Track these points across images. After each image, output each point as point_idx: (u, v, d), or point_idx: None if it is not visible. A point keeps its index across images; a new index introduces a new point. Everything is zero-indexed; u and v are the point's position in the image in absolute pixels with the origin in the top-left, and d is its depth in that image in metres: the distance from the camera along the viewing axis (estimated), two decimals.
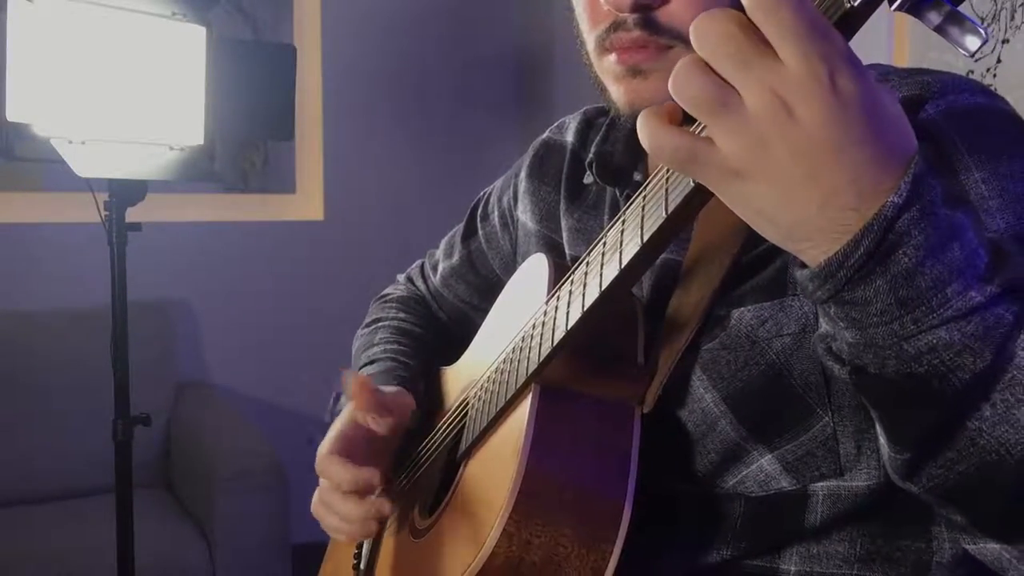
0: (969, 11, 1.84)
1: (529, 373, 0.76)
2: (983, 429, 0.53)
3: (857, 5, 0.49)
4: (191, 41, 1.73)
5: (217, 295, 2.96)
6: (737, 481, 0.74)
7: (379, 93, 3.15)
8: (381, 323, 1.15)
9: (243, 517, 2.35)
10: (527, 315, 0.84)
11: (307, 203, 3.09)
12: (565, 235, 0.95)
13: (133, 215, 1.70)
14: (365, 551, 0.99)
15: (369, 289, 1.38)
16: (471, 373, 0.96)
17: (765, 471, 0.73)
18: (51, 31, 1.55)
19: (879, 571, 0.73)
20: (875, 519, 0.73)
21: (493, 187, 1.13)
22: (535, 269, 0.90)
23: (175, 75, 1.72)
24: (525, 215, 1.02)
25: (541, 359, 0.74)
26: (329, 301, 3.00)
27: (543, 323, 0.78)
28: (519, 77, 3.36)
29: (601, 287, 0.68)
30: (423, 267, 1.23)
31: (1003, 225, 0.65)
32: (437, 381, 1.07)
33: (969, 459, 0.54)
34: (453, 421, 0.93)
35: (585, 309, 0.70)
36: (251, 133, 2.36)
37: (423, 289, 1.21)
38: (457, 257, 1.15)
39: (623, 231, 0.67)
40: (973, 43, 0.48)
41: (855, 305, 0.52)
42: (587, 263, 0.73)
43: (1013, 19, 1.77)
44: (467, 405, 0.91)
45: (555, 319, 0.75)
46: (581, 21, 0.80)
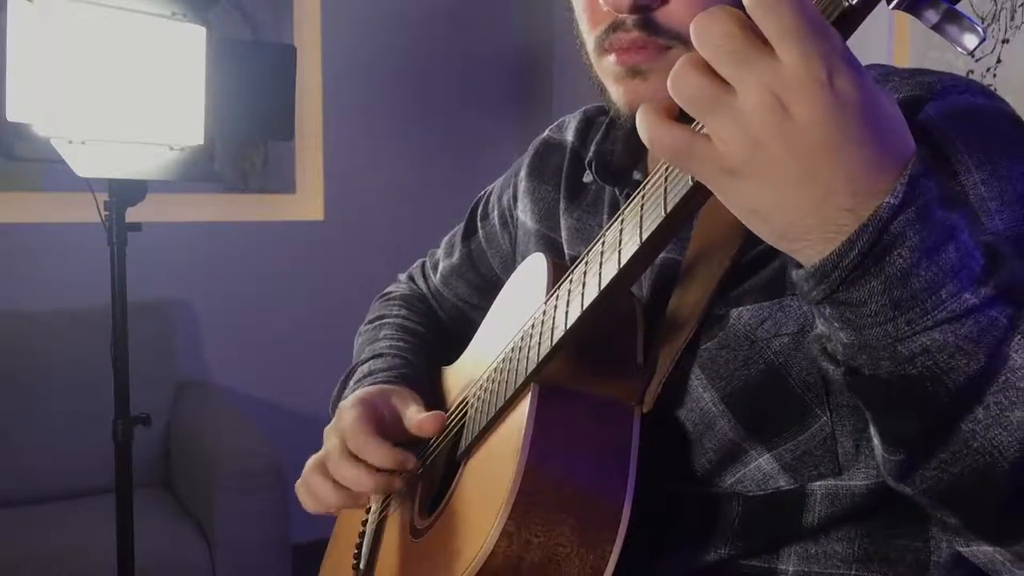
0: (969, 11, 1.83)
1: (528, 373, 0.75)
2: (976, 431, 0.53)
3: (855, 3, 0.49)
4: (191, 41, 1.73)
5: (217, 295, 2.96)
6: (735, 480, 0.74)
7: (379, 93, 3.15)
8: (385, 320, 1.15)
9: (243, 517, 2.35)
10: (526, 315, 0.84)
11: (307, 203, 3.09)
12: (564, 234, 0.95)
13: (133, 215, 1.70)
14: (365, 551, 0.99)
15: (369, 289, 1.38)
16: (470, 373, 0.96)
17: (763, 470, 0.72)
18: (51, 31, 1.55)
19: (877, 571, 0.73)
20: (873, 519, 0.73)
21: (493, 186, 1.13)
22: (534, 268, 0.90)
23: (175, 75, 1.72)
24: (525, 214, 1.02)
25: (540, 359, 0.74)
26: (329, 301, 3.00)
27: (542, 322, 0.77)
28: (519, 77, 3.36)
29: (600, 286, 0.68)
30: (424, 266, 1.23)
31: (1002, 226, 0.65)
32: (437, 380, 1.07)
33: (962, 461, 0.54)
34: (452, 421, 0.93)
35: (584, 308, 0.70)
36: (251, 133, 2.36)
37: (424, 288, 1.21)
38: (457, 256, 1.15)
39: (622, 230, 0.67)
40: (971, 41, 0.48)
41: (849, 306, 0.52)
42: (586, 262, 0.73)
43: (1013, 19, 1.77)
44: (466, 405, 0.91)
45: (554, 318, 0.75)
46: (581, 22, 0.80)
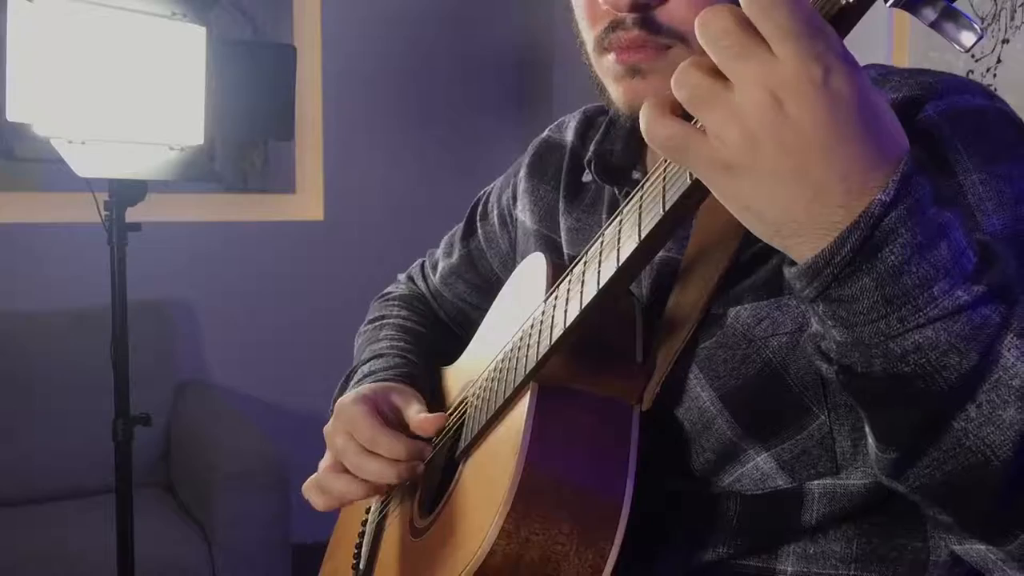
0: (969, 11, 1.83)
1: (528, 371, 0.75)
2: (969, 430, 0.54)
3: (852, 1, 0.49)
4: (191, 41, 1.73)
5: (217, 295, 2.96)
6: (733, 479, 0.73)
7: (379, 93, 3.15)
8: (385, 320, 1.15)
9: (243, 517, 2.35)
10: (525, 314, 0.84)
11: (307, 203, 3.09)
12: (563, 234, 0.95)
13: (133, 215, 1.70)
14: (364, 551, 0.99)
15: (369, 289, 1.38)
16: (470, 372, 0.96)
17: (761, 469, 0.72)
18: (51, 31, 1.55)
19: (876, 571, 0.73)
20: (871, 518, 0.72)
21: (493, 186, 1.13)
22: (533, 268, 0.90)
23: (175, 75, 1.72)
24: (524, 214, 1.02)
25: (539, 357, 0.74)
26: (329, 301, 3.00)
27: (541, 321, 0.77)
28: (519, 77, 3.36)
29: (599, 284, 0.68)
30: (423, 266, 1.23)
31: (999, 226, 0.65)
32: (437, 380, 1.07)
33: (955, 459, 0.55)
34: (452, 420, 0.93)
35: (583, 307, 0.70)
36: (251, 133, 2.37)
37: (423, 288, 1.21)
38: (456, 256, 1.15)
39: (621, 228, 0.67)
40: (968, 39, 0.48)
41: (842, 303, 0.53)
42: (585, 261, 0.73)
43: (1013, 19, 1.77)
44: (466, 404, 0.91)
45: (553, 317, 0.75)
46: (580, 20, 0.80)
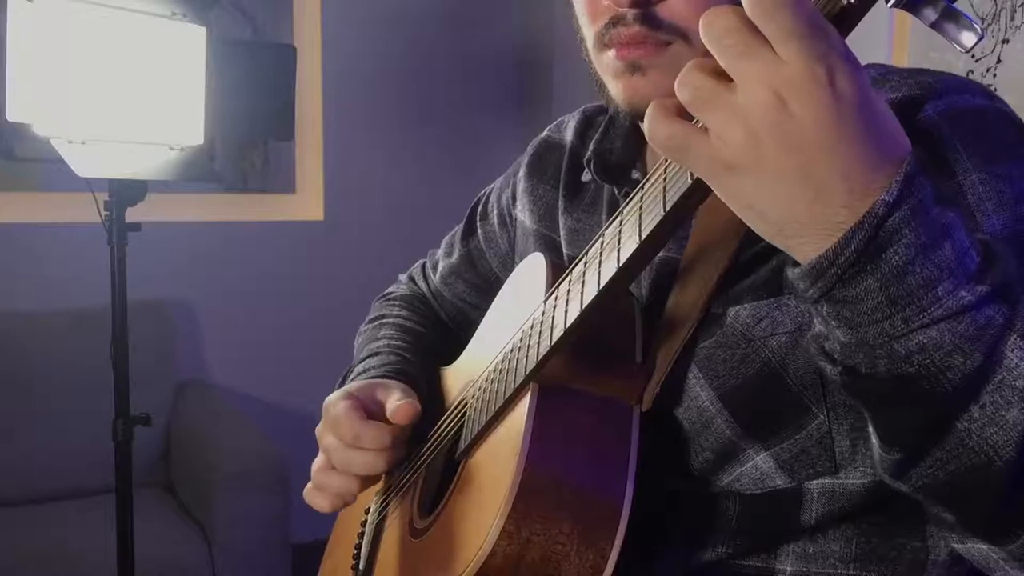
0: (969, 11, 1.83)
1: (528, 372, 0.75)
2: (972, 430, 0.54)
3: (854, 2, 0.49)
4: (191, 41, 1.73)
5: (217, 295, 2.96)
6: (732, 479, 0.73)
7: (379, 93, 3.15)
8: (385, 320, 1.15)
9: (243, 517, 2.35)
10: (525, 314, 0.84)
11: (307, 203, 3.09)
12: (563, 234, 0.95)
13: (133, 215, 1.70)
14: (364, 551, 0.99)
15: (369, 289, 1.38)
16: (470, 372, 0.96)
17: (760, 469, 0.72)
18: (51, 31, 1.55)
19: (875, 570, 0.73)
20: (871, 518, 0.72)
21: (493, 187, 1.13)
22: (533, 268, 0.90)
23: (175, 75, 1.72)
24: (523, 214, 1.01)
25: (540, 358, 0.74)
26: (329, 301, 3.00)
27: (541, 322, 0.77)
28: (519, 77, 3.36)
29: (599, 284, 0.68)
30: (424, 266, 1.23)
31: (999, 226, 0.65)
32: (436, 380, 1.07)
33: (958, 460, 0.55)
34: (452, 420, 0.93)
35: (584, 307, 0.70)
36: (251, 133, 2.37)
37: (424, 288, 1.21)
38: (456, 256, 1.15)
39: (621, 228, 0.67)
40: (969, 39, 0.48)
41: (846, 303, 0.53)
42: (585, 261, 0.73)
43: (1013, 19, 1.77)
44: (466, 404, 0.91)
45: (553, 317, 0.75)
46: (581, 16, 0.80)
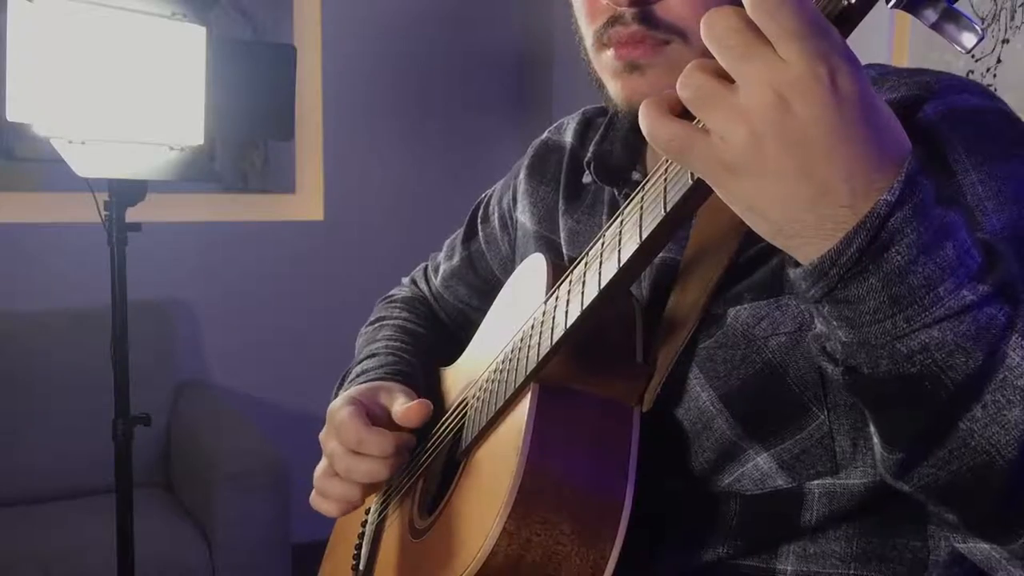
0: (969, 11, 1.83)
1: (528, 372, 0.75)
2: (974, 430, 0.54)
3: (854, 2, 0.49)
4: (191, 41, 1.73)
5: (217, 295, 2.96)
6: (733, 479, 0.73)
7: (379, 93, 3.15)
8: (385, 321, 1.16)
9: (243, 517, 2.35)
10: (526, 315, 0.84)
11: (307, 203, 3.09)
12: (563, 236, 0.95)
13: (133, 215, 1.70)
14: (364, 551, 0.99)
15: (368, 289, 1.38)
16: (470, 373, 0.96)
17: (761, 469, 0.72)
18: (51, 31, 1.55)
19: (875, 570, 0.73)
20: (871, 517, 0.72)
21: (494, 189, 1.13)
22: (533, 269, 0.90)
23: (175, 75, 1.72)
24: (524, 216, 1.02)
25: (540, 358, 0.74)
26: (329, 301, 3.00)
27: (542, 322, 0.77)
28: (519, 77, 3.36)
29: (600, 285, 0.68)
30: (426, 269, 1.23)
31: (999, 226, 0.65)
32: (437, 381, 1.07)
33: (960, 459, 0.55)
34: (452, 421, 0.93)
35: (584, 307, 0.70)
36: (251, 133, 2.37)
37: (425, 290, 1.21)
38: (457, 259, 1.15)
39: (622, 229, 0.67)
40: (969, 40, 0.48)
41: (848, 303, 0.53)
42: (586, 262, 0.73)
43: (1013, 19, 1.77)
44: (466, 405, 0.91)
45: (554, 318, 0.75)
46: (579, 16, 0.80)
